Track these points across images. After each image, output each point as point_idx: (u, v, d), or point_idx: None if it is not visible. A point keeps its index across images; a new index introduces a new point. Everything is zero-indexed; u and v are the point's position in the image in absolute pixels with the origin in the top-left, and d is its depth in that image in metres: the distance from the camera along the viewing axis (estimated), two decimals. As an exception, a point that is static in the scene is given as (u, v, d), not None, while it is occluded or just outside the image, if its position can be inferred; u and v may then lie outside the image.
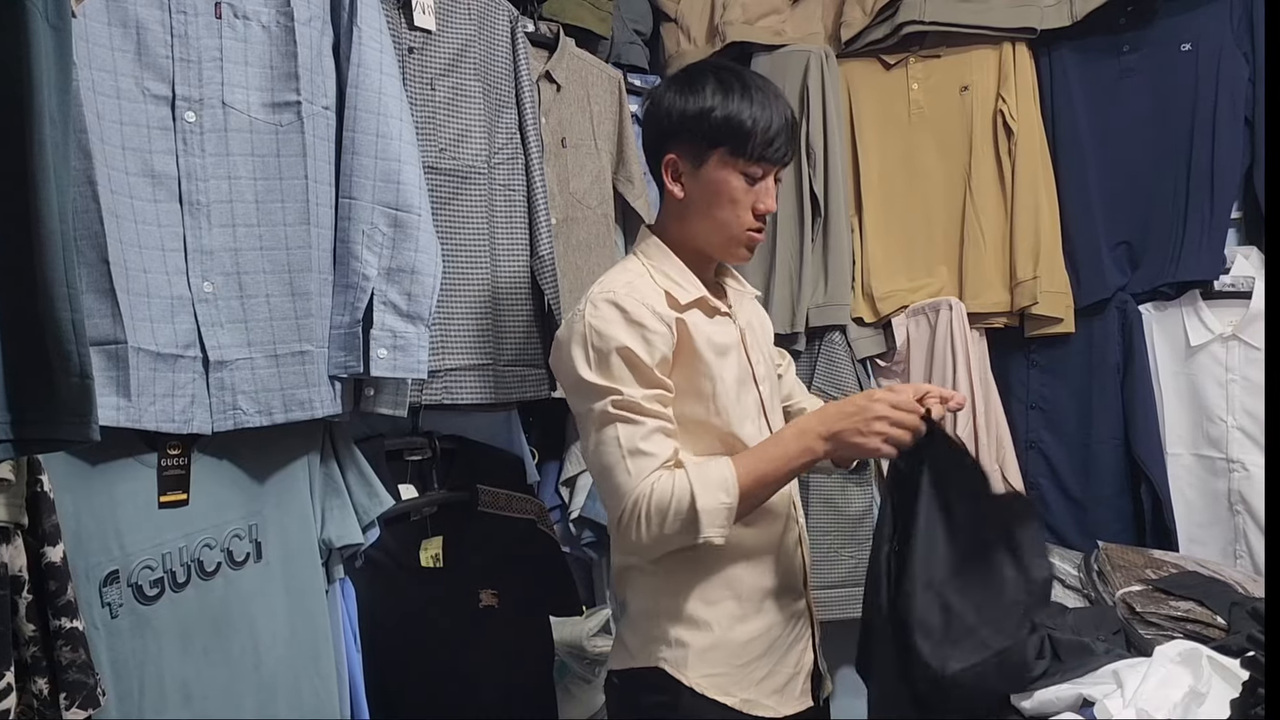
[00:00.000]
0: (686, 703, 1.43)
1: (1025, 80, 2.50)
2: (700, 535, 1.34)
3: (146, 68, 1.38)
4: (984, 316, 2.52)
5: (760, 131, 1.44)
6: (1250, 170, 2.35)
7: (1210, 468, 2.35)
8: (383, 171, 1.59)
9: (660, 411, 1.39)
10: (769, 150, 1.46)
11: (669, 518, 1.33)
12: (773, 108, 1.46)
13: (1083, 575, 1.87)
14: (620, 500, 1.36)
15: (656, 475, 1.35)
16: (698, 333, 1.45)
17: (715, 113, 1.45)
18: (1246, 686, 1.08)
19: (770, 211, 1.50)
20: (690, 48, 2.69)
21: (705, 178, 1.48)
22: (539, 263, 2.03)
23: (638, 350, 1.38)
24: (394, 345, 1.59)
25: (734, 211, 1.48)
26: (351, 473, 1.69)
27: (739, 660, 1.46)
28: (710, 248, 1.53)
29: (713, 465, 1.37)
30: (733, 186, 1.47)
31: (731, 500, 1.35)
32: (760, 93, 1.47)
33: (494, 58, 2.01)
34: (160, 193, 1.39)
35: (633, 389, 1.37)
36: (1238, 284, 2.34)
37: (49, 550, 1.15)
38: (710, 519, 1.33)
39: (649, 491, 1.34)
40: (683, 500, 1.33)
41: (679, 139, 1.49)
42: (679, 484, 1.34)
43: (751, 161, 1.46)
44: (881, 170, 2.63)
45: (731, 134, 1.45)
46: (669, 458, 1.37)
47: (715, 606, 1.46)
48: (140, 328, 1.33)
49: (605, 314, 1.40)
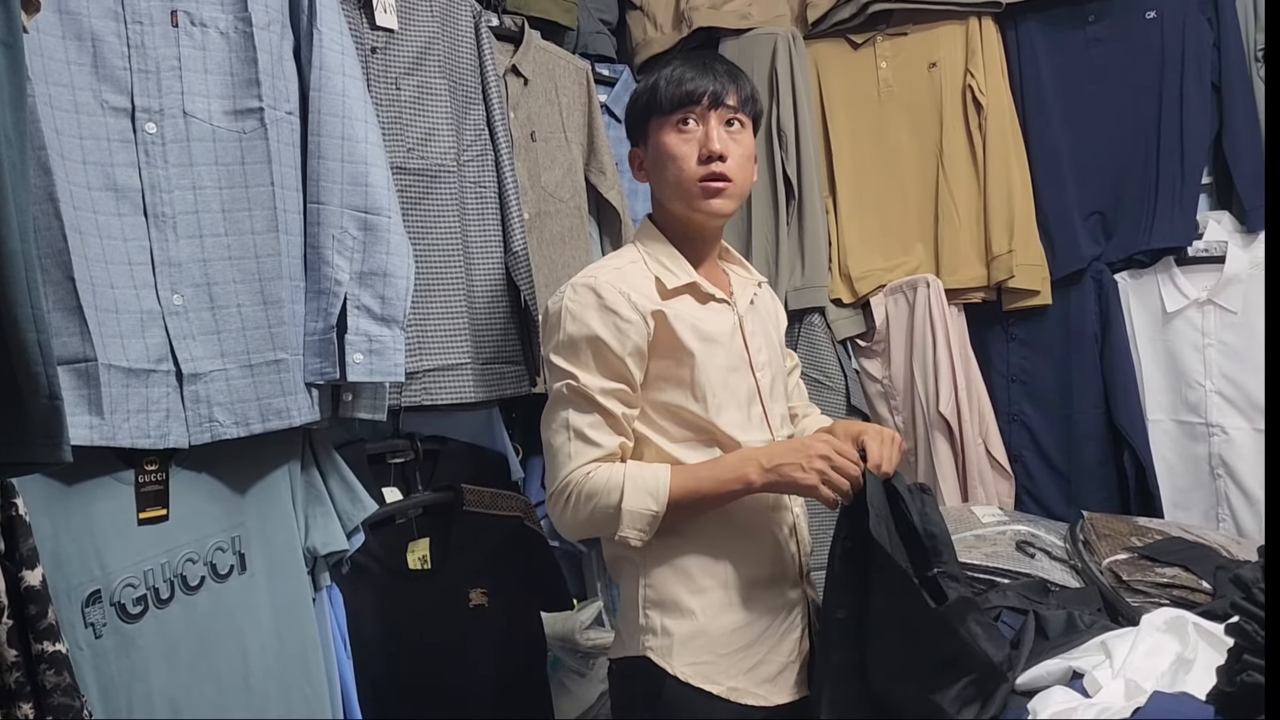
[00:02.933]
0: (671, 690, 1.43)
1: (993, 54, 2.50)
2: (619, 533, 1.39)
3: (104, 80, 1.36)
4: (961, 292, 2.52)
5: (674, 83, 1.48)
6: (1219, 135, 2.36)
7: (1190, 433, 2.37)
8: (350, 175, 1.58)
9: (611, 408, 1.42)
10: (680, 91, 1.47)
11: (595, 508, 1.39)
12: (703, 63, 1.50)
13: (1068, 546, 1.87)
14: (556, 476, 1.42)
15: (596, 465, 1.40)
16: (680, 321, 1.45)
17: (643, 95, 1.52)
18: (1232, 653, 1.08)
19: (715, 152, 1.46)
20: (657, 35, 2.68)
21: (651, 152, 1.53)
22: (513, 259, 2.02)
23: (608, 339, 1.41)
24: (370, 349, 1.58)
25: (677, 166, 1.49)
26: (333, 479, 1.68)
27: (724, 649, 1.46)
28: (681, 216, 1.53)
29: (650, 471, 1.41)
30: (668, 143, 1.49)
31: (658, 508, 1.39)
32: (694, 59, 1.52)
33: (459, 54, 2.00)
34: (124, 206, 1.37)
35: (592, 377, 1.41)
36: (1211, 249, 2.35)
37: (27, 574, 1.13)
38: (631, 520, 1.39)
39: (584, 478, 1.39)
40: (611, 495, 1.38)
41: (632, 133, 1.58)
42: (613, 479, 1.39)
43: (673, 112, 1.48)
44: (853, 150, 2.63)
45: (652, 99, 1.51)
46: (612, 450, 1.42)
47: (701, 595, 1.46)
48: (110, 344, 1.31)
49: (583, 299, 1.43)
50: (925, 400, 2.50)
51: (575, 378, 1.41)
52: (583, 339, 1.41)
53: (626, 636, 1.51)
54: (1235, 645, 1.07)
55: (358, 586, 1.76)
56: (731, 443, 1.47)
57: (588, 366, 1.41)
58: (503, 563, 1.97)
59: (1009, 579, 1.74)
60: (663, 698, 1.44)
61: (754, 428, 1.51)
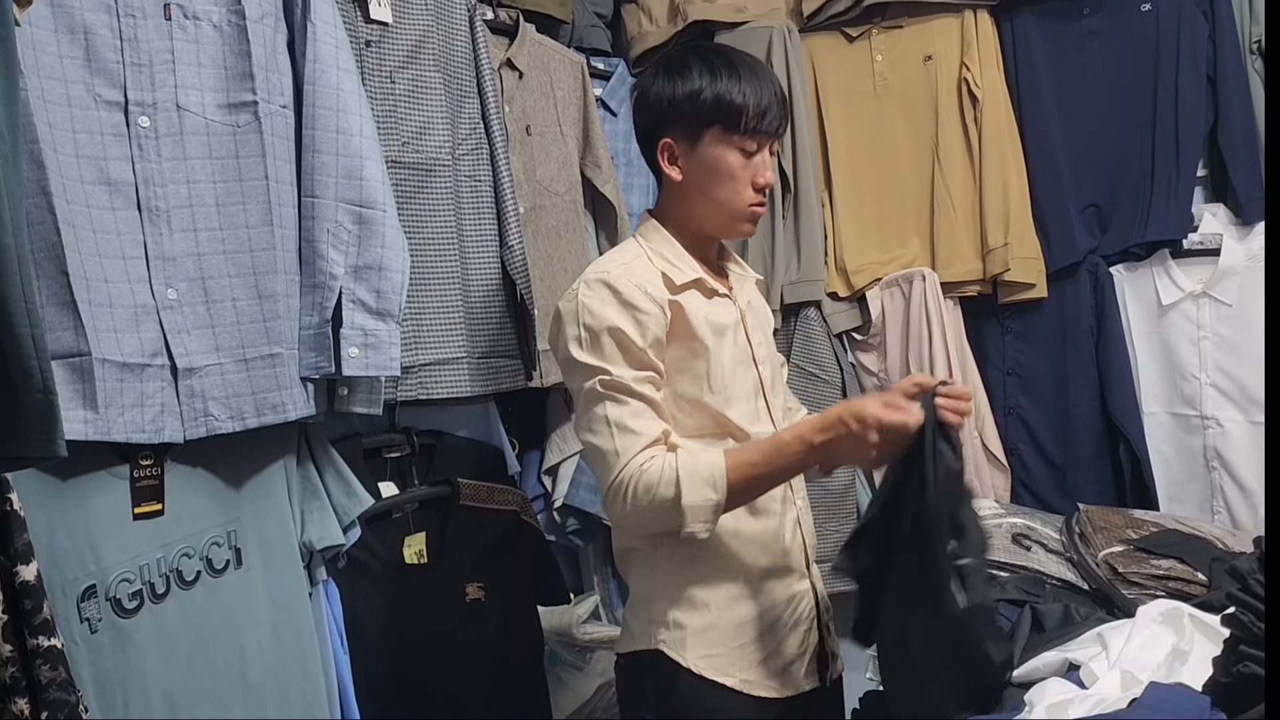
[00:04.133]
0: (685, 684, 1.44)
1: (988, 47, 2.49)
2: (684, 529, 1.36)
3: (97, 73, 1.35)
4: (957, 285, 2.52)
5: (752, 106, 1.47)
6: (1214, 128, 2.36)
7: (1185, 425, 2.37)
8: (345, 168, 1.57)
9: (648, 394, 1.40)
10: (762, 123, 1.48)
11: (653, 503, 1.35)
12: (761, 81, 1.49)
13: (1064, 538, 1.87)
14: (608, 474, 1.38)
15: (647, 455, 1.36)
16: (694, 313, 1.46)
17: (705, 93, 1.47)
18: (1228, 644, 1.09)
19: (768, 185, 1.51)
20: (652, 28, 2.67)
21: (701, 158, 1.50)
22: (509, 253, 2.01)
23: (629, 331, 1.40)
24: (365, 343, 1.58)
25: (733, 188, 1.49)
26: (329, 473, 1.67)
27: (737, 641, 1.46)
28: (712, 227, 1.54)
29: (704, 458, 1.37)
30: (729, 163, 1.48)
31: (719, 496, 1.35)
32: (747, 68, 1.49)
33: (453, 48, 1.99)
34: (118, 200, 1.36)
35: (622, 369, 1.39)
36: (1206, 241, 2.35)
37: (22, 569, 1.13)
38: (694, 514, 1.35)
39: (638, 470, 1.35)
40: (668, 490, 1.34)
41: (671, 123, 1.51)
42: (666, 473, 1.35)
43: (746, 136, 1.48)
44: (849, 144, 2.62)
45: (724, 111, 1.47)
46: (657, 437, 1.39)
47: (712, 588, 1.46)
48: (104, 338, 1.31)
49: (598, 294, 1.42)
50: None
51: (607, 372, 1.39)
52: (604, 332, 1.40)
53: (637, 630, 1.51)
54: (1231, 636, 1.08)
55: (354, 581, 1.76)
56: (742, 434, 1.47)
57: (615, 359, 1.40)
58: (499, 557, 1.97)
59: (1005, 572, 1.75)
60: (676, 691, 1.44)
61: (760, 420, 1.52)
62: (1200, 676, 1.13)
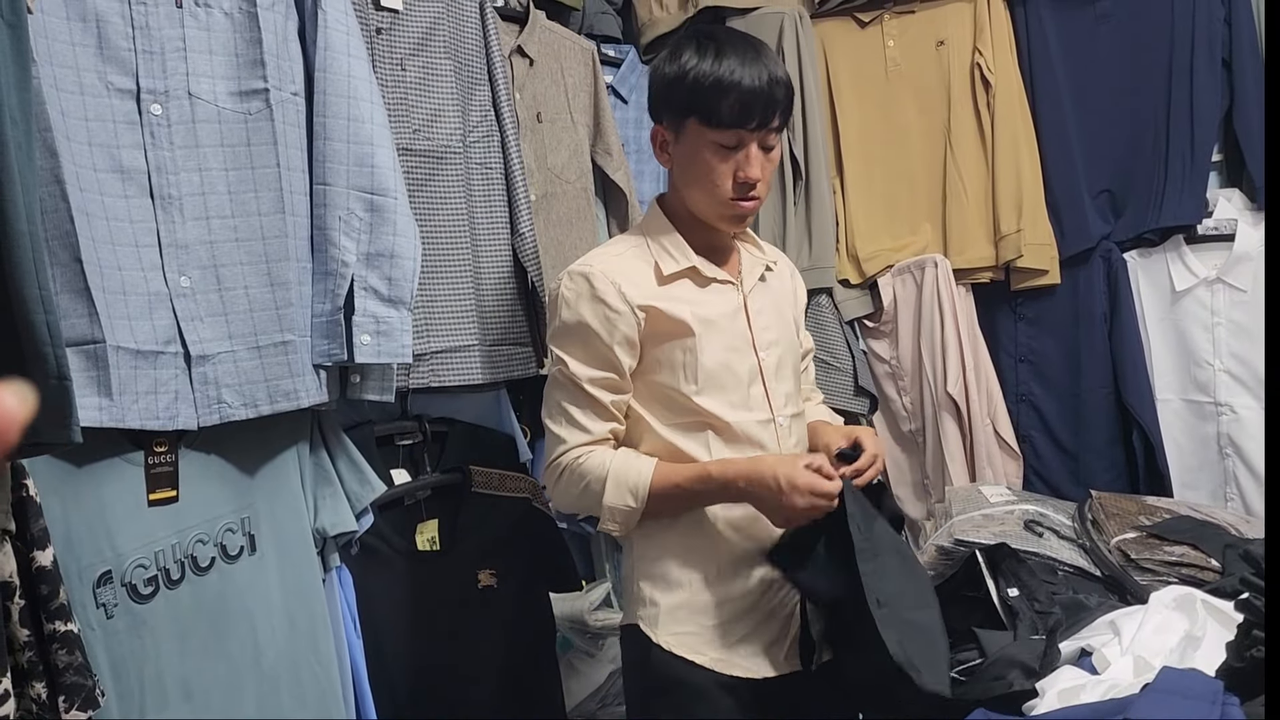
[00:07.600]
0: (655, 659, 1.48)
1: (1001, 32, 2.48)
2: (600, 525, 1.48)
3: (109, 61, 1.36)
4: (969, 272, 2.51)
5: (729, 100, 1.40)
6: (1230, 112, 2.34)
7: (1199, 412, 2.36)
8: (356, 156, 1.57)
9: (599, 396, 1.45)
10: (740, 118, 1.41)
11: (582, 491, 1.46)
12: (749, 70, 1.41)
13: (1077, 525, 1.87)
14: (551, 453, 1.49)
15: (588, 450, 1.46)
16: (677, 306, 1.46)
17: (686, 79, 1.43)
18: (1241, 629, 1.08)
19: (752, 180, 1.44)
20: (663, 15, 2.66)
21: (683, 148, 1.48)
22: (520, 240, 2.01)
23: (597, 328, 1.43)
24: (377, 331, 1.58)
25: (711, 182, 1.45)
26: (342, 460, 1.68)
27: (711, 620, 1.48)
28: (705, 216, 1.51)
29: (635, 466, 1.45)
30: (705, 158, 1.44)
31: (638, 505, 1.44)
32: (736, 56, 1.42)
33: (464, 35, 1.99)
34: (130, 188, 1.37)
35: (580, 366, 1.45)
36: (1220, 227, 2.34)
37: (39, 554, 1.14)
38: (611, 514, 1.46)
39: (574, 461, 1.46)
40: (596, 486, 1.45)
41: (660, 109, 1.50)
42: (599, 470, 1.44)
43: (722, 129, 1.42)
44: (861, 130, 2.61)
45: (701, 102, 1.42)
46: (603, 436, 1.47)
47: (691, 569, 1.49)
48: (118, 326, 1.31)
49: (577, 286, 1.46)
50: (933, 381, 2.50)
51: (566, 365, 1.46)
52: (574, 326, 1.45)
53: (626, 605, 1.57)
54: (1245, 621, 1.07)
55: (367, 568, 1.77)
56: (722, 424, 1.48)
57: (576, 355, 1.45)
58: (511, 544, 1.98)
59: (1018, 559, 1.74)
60: (650, 665, 1.48)
61: (753, 407, 1.51)
62: (1213, 662, 1.13)
